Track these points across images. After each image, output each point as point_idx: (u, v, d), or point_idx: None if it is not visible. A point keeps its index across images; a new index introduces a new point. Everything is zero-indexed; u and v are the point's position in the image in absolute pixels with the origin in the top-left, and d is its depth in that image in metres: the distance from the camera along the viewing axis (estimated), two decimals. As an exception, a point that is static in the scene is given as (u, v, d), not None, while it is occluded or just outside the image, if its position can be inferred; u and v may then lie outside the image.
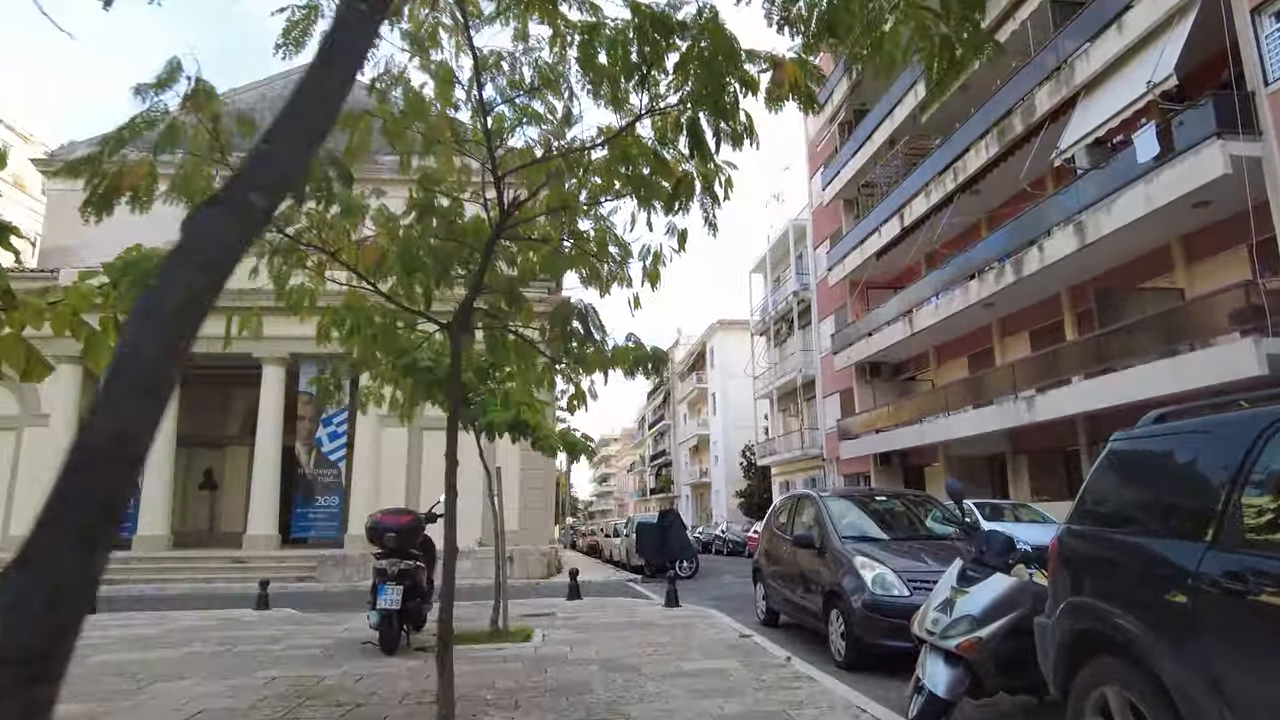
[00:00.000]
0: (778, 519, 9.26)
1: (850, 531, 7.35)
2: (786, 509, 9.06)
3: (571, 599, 11.12)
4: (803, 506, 8.50)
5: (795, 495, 8.93)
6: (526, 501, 18.31)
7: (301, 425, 19.17)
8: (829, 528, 7.39)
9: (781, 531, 8.78)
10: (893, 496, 8.35)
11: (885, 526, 7.64)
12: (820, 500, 7.85)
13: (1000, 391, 20.29)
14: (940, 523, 7.74)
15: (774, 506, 9.48)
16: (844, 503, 8.01)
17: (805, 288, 35.60)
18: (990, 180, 20.99)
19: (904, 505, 8.18)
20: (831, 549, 7.14)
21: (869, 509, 8.00)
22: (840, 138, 31.47)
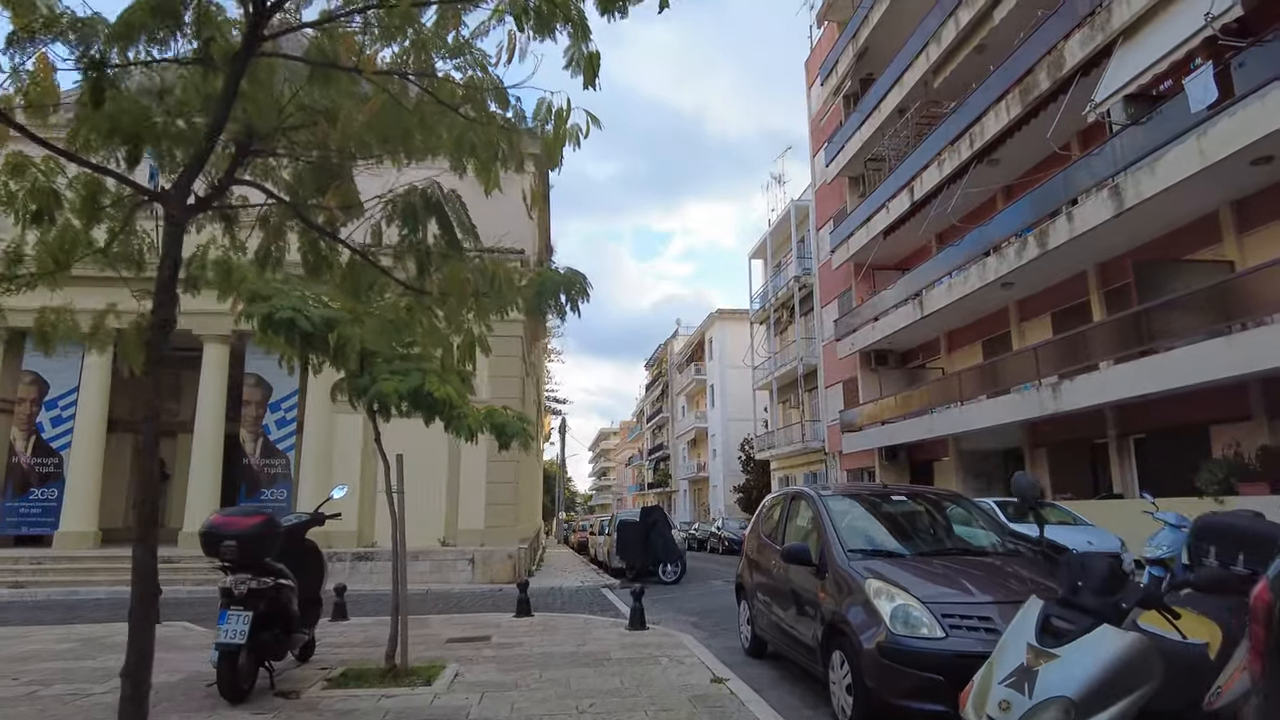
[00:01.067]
0: (766, 522, 7.41)
1: (859, 543, 5.49)
2: (777, 510, 7.19)
3: (520, 615, 9.28)
4: (797, 508, 6.62)
5: (787, 493, 7.04)
6: (492, 497, 16.48)
7: (247, 410, 17.34)
8: (831, 537, 5.53)
9: (771, 539, 6.92)
10: (913, 496, 6.37)
11: (906, 537, 5.76)
12: (819, 500, 5.98)
13: (1020, 379, 18.41)
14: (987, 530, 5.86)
15: (762, 507, 7.61)
16: (849, 503, 6.12)
17: (807, 272, 33.70)
18: (1009, 148, 19.07)
19: (927, 507, 6.26)
20: (834, 567, 5.28)
21: (882, 512, 6.11)
22: (845, 111, 29.54)
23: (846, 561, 5.22)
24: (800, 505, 6.55)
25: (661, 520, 16.78)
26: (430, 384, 5.85)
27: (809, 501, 6.24)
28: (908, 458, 26.50)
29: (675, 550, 16.24)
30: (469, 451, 16.64)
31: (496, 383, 17.01)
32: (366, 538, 16.35)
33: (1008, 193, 21.12)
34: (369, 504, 16.57)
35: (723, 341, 50.19)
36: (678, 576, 16.06)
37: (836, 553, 5.35)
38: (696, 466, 56.24)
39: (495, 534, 16.27)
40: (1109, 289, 17.62)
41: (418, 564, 15.05)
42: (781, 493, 7.34)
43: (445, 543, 16.29)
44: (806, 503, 6.35)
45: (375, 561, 15.06)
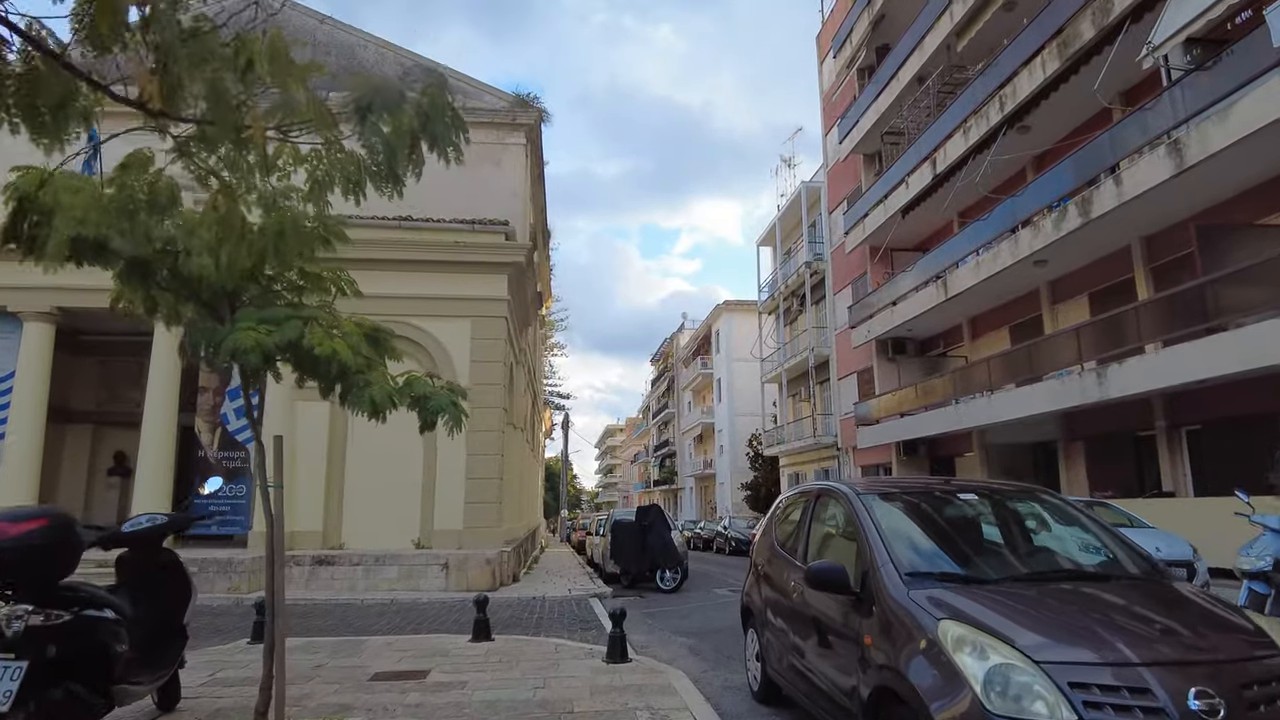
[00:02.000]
0: (781, 527, 5.71)
1: (920, 563, 3.78)
2: (796, 512, 5.48)
3: (477, 640, 7.60)
4: (824, 510, 4.90)
5: (811, 490, 5.33)
6: (473, 494, 14.81)
7: (204, 399, 15.73)
8: (879, 555, 3.82)
9: (788, 550, 5.22)
10: (986, 493, 4.55)
11: (986, 554, 4.04)
12: (858, 500, 4.27)
13: (1058, 364, 16.66)
14: (1100, 543, 4.13)
15: (776, 507, 5.86)
16: (900, 506, 4.34)
17: (819, 257, 31.94)
18: (1042, 112, 17.32)
19: (1009, 510, 4.52)
20: (886, 600, 3.57)
21: (947, 518, 4.36)
22: (859, 84, 27.79)
23: (904, 591, 3.52)
24: (829, 507, 4.84)
25: (659, 521, 15.08)
26: (313, 337, 4.17)
27: (842, 501, 4.53)
28: (928, 453, 24.79)
29: (674, 554, 14.54)
30: (446, 444, 14.95)
31: (477, 367, 15.36)
32: (332, 539, 14.72)
33: (1039, 163, 19.37)
34: (335, 502, 14.94)
35: (729, 334, 48.51)
36: (677, 583, 14.37)
37: (888, 578, 3.64)
38: (703, 463, 54.56)
39: (475, 535, 14.61)
40: (1157, 264, 15.86)
41: (384, 569, 13.42)
42: (802, 489, 5.61)
43: (420, 545, 14.65)
44: (838, 503, 4.64)
45: (338, 566, 13.42)
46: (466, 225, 16.01)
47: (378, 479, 14.89)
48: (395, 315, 15.54)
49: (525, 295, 18.63)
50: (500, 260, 15.87)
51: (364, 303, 14.86)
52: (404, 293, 15.50)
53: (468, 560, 13.44)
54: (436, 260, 15.67)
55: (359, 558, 13.47)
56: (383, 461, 14.94)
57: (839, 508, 4.64)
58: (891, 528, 4.04)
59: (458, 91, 18.66)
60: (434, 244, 15.73)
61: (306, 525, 14.64)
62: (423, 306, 15.53)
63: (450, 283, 15.72)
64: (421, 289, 15.56)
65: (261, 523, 14.39)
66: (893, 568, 3.70)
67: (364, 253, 16.10)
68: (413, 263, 15.62)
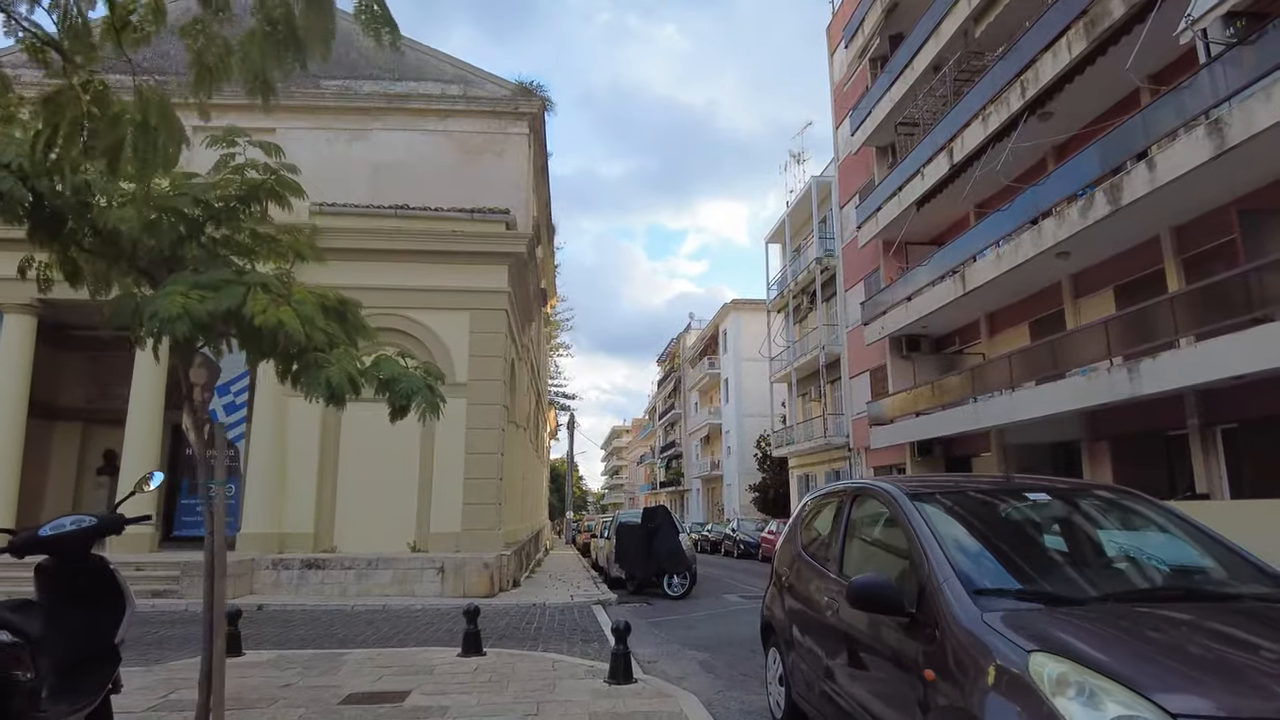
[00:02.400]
0: (809, 531, 5.00)
1: (992, 579, 3.06)
2: (827, 515, 4.76)
3: (467, 654, 6.90)
4: (863, 512, 4.18)
5: (846, 489, 4.61)
6: (471, 495, 14.14)
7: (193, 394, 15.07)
8: (939, 569, 3.10)
9: (820, 560, 4.51)
10: (1061, 494, 3.78)
11: (1072, 566, 3.34)
12: (906, 503, 3.55)
13: (1085, 360, 15.89)
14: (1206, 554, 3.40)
15: (803, 508, 5.12)
16: (957, 509, 3.64)
17: (830, 253, 31.18)
18: (1066, 96, 16.56)
19: (1083, 513, 3.79)
20: (953, 625, 2.87)
21: (1014, 523, 3.65)
22: (872, 75, 27.04)
23: (976, 614, 2.80)
24: (868, 509, 4.13)
25: (666, 523, 14.37)
26: (254, 305, 3.49)
27: (886, 503, 3.82)
28: (943, 453, 24.01)
29: (683, 558, 13.82)
30: (444, 443, 14.36)
31: (476, 362, 14.70)
32: (324, 542, 14.07)
33: (1060, 153, 18.60)
34: (327, 503, 14.28)
35: (737, 333, 47.76)
36: (686, 590, 13.64)
37: (954, 597, 2.93)
38: (710, 464, 53.80)
39: (474, 538, 13.94)
40: (1189, 255, 15.08)
41: (377, 574, 12.75)
42: (833, 488, 4.89)
43: (416, 548, 13.98)
44: (881, 505, 3.93)
45: (328, 570, 12.76)
46: (465, 214, 15.35)
47: (372, 479, 14.24)
48: (391, 308, 14.91)
49: (527, 289, 17.96)
50: (500, 250, 15.20)
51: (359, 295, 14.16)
52: (400, 284, 14.87)
53: (465, 564, 12.76)
54: (434, 250, 15.02)
55: (350, 561, 12.81)
56: (377, 460, 14.29)
57: (881, 510, 3.93)
58: (951, 534, 3.33)
59: (459, 80, 17.99)
60: (431, 233, 15.08)
61: (296, 527, 14.01)
62: (419, 299, 14.88)
63: (448, 274, 15.06)
64: (418, 280, 14.91)
65: (252, 524, 13.81)
66: (958, 583, 2.99)
67: (357, 242, 15.52)
68: (409, 253, 14.98)
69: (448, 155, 18.26)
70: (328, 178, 17.01)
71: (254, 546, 13.52)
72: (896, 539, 3.63)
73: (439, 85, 18.74)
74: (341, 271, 15.27)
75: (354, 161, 17.98)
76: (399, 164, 17.83)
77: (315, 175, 17.65)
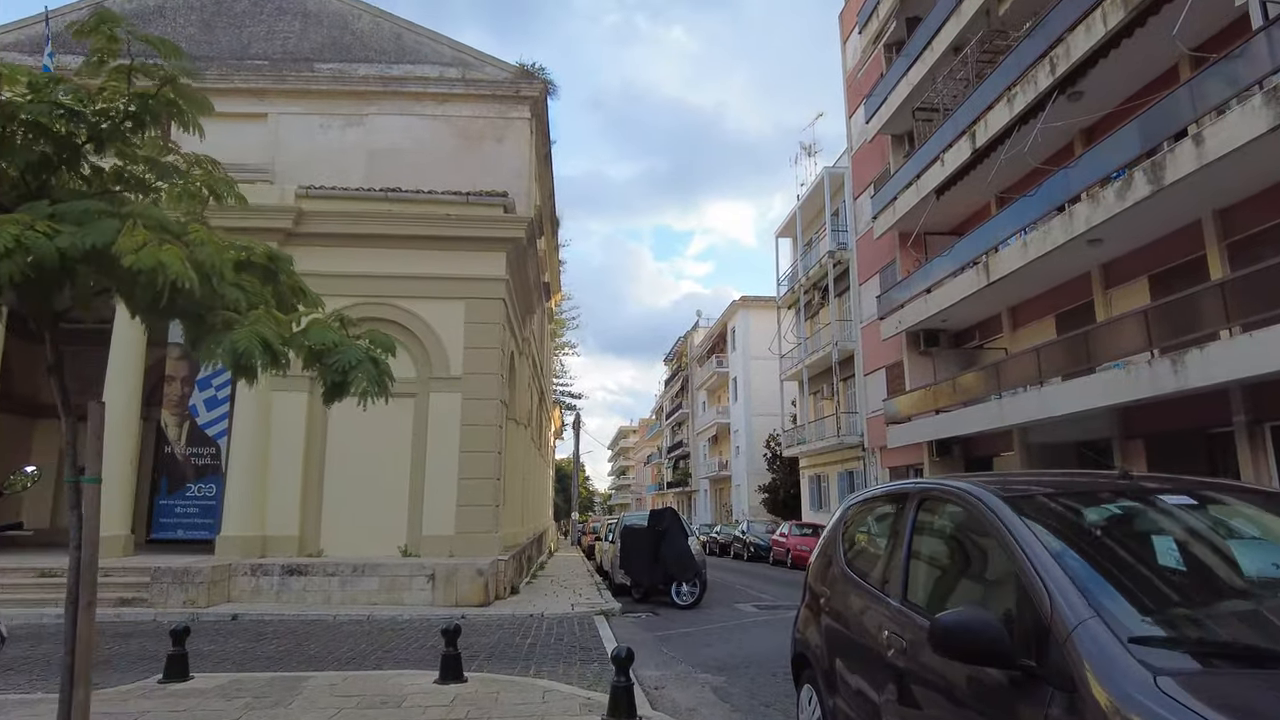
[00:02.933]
0: (856, 544, 4.05)
1: (1152, 620, 2.13)
2: (882, 525, 3.80)
3: (445, 680, 5.98)
4: (933, 524, 3.21)
5: (908, 490, 3.54)
6: (466, 496, 13.24)
7: (171, 388, 14.23)
8: (1067, 604, 2.16)
9: (871, 581, 3.55)
10: (1203, 497, 2.75)
11: (1261, 600, 2.40)
12: (1006, 512, 2.57)
13: (1120, 353, 14.90)
14: None
15: (844, 515, 4.13)
16: (1076, 521, 2.71)
17: (843, 246, 30.20)
18: (1100, 72, 15.58)
19: (1249, 522, 2.82)
20: (1101, 691, 1.91)
21: (1154, 540, 2.68)
22: (887, 61, 26.08)
23: (1148, 679, 1.86)
24: (943, 517, 3.19)
25: (675, 527, 13.41)
26: (127, 241, 2.59)
27: (971, 510, 2.85)
28: (962, 453, 23.02)
29: (692, 564, 12.87)
30: (438, 439, 13.48)
31: (471, 354, 13.79)
32: (310, 545, 13.19)
33: (1088, 136, 17.63)
34: (313, 503, 13.40)
35: (746, 331, 46.80)
36: (695, 598, 12.68)
37: (1097, 649, 1.98)
38: (718, 464, 52.82)
39: (469, 542, 13.04)
40: (1234, 239, 14.10)
41: (363, 580, 11.85)
42: (888, 490, 3.91)
43: (407, 552, 13.09)
44: (962, 512, 2.99)
45: (310, 576, 11.87)
46: (460, 197, 14.44)
47: (361, 478, 13.37)
48: (381, 296, 14.03)
49: (527, 278, 17.05)
50: (498, 235, 14.29)
51: (347, 282, 13.15)
52: (391, 272, 14.00)
53: (457, 571, 11.85)
54: (427, 235, 14.13)
55: (334, 567, 11.92)
56: (367, 458, 13.42)
57: (961, 520, 2.99)
58: (1076, 555, 2.39)
59: (458, 63, 17.01)
60: (424, 217, 14.19)
61: (280, 529, 13.13)
62: (411, 287, 13.99)
63: (442, 261, 14.17)
64: (410, 268, 14.03)
65: (233, 527, 12.93)
66: (1102, 627, 2.05)
67: (346, 227, 14.62)
68: (401, 238, 14.10)
69: (446, 141, 17.38)
70: (321, 164, 16.19)
71: (234, 550, 12.66)
72: (988, 559, 2.70)
73: (437, 68, 17.88)
74: (329, 258, 14.46)
75: (349, 148, 17.15)
76: (395, 150, 16.98)
77: (308, 162, 16.93)
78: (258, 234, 14.05)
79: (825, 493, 32.72)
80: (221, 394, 14.17)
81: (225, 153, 17.19)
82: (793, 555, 24.32)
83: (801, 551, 24.07)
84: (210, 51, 18.01)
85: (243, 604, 11.49)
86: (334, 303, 14.28)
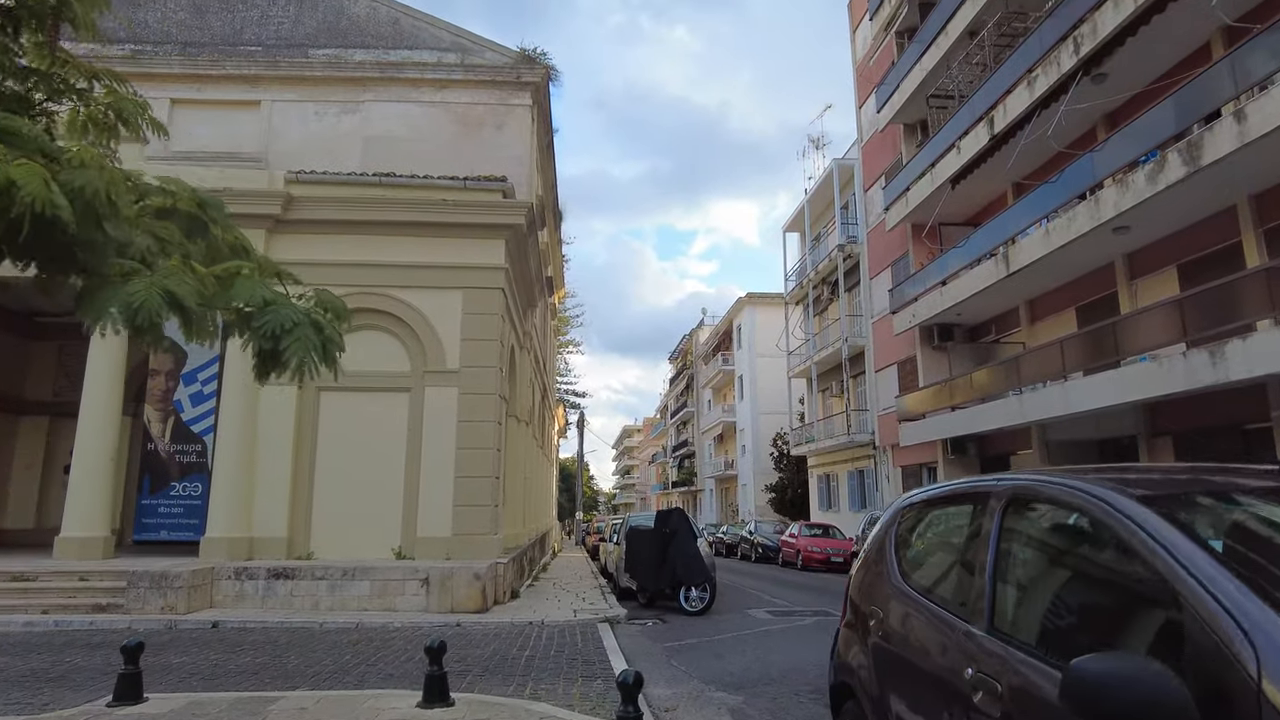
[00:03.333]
0: (915, 553, 3.35)
1: None
2: (955, 531, 3.08)
3: (428, 705, 5.30)
4: (1033, 531, 2.51)
5: (996, 488, 2.70)
6: (463, 496, 12.56)
7: (154, 383, 13.59)
8: (1273, 656, 1.47)
9: (942, 602, 2.85)
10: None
11: None
12: (1152, 521, 1.83)
13: (1150, 345, 14.19)
14: None
15: (897, 517, 3.27)
16: (1246, 530, 2.03)
17: (853, 240, 29.48)
18: (1127, 51, 14.88)
19: None
20: None
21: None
22: (898, 49, 25.35)
23: None
24: (1039, 525, 2.49)
25: (683, 528, 12.71)
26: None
27: (1094, 514, 2.15)
28: (978, 451, 22.32)
29: (702, 568, 12.17)
30: (433, 435, 12.82)
31: (469, 347, 13.12)
32: (299, 548, 12.53)
33: (1111, 121, 16.92)
34: (304, 502, 12.75)
35: (752, 328, 46.05)
36: (706, 604, 11.98)
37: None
38: (724, 464, 52.11)
39: (466, 545, 12.37)
40: (1272, 225, 13.38)
41: (353, 585, 11.18)
42: (960, 487, 3.19)
43: (401, 555, 12.43)
44: (1077, 519, 2.29)
45: (298, 580, 11.20)
46: (457, 181, 13.77)
47: (353, 477, 12.72)
48: (374, 286, 13.35)
49: (528, 268, 16.36)
50: (497, 221, 13.61)
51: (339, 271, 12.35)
52: (385, 260, 13.35)
53: (453, 575, 11.17)
54: (422, 222, 13.47)
55: (323, 571, 11.25)
56: (360, 455, 12.78)
57: (1076, 528, 2.30)
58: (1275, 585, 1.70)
59: (457, 48, 16.25)
60: (419, 202, 13.52)
61: (268, 531, 12.49)
62: (406, 276, 13.33)
63: (439, 248, 13.51)
64: (405, 256, 13.36)
65: (218, 528, 12.27)
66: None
67: (338, 213, 13.92)
68: (395, 224, 13.44)
69: (445, 128, 16.71)
70: (316, 153, 15.56)
71: (219, 553, 12.00)
72: (1117, 582, 2.01)
73: (435, 54, 17.21)
74: (321, 246, 13.80)
75: (344, 135, 16.49)
76: (392, 138, 16.33)
77: (303, 150, 16.23)
78: (244, 221, 13.41)
79: (834, 492, 32.01)
80: (208, 389, 13.52)
81: (218, 142, 16.52)
82: (803, 556, 23.60)
83: (812, 553, 23.35)
84: (202, 37, 17.40)
85: (225, 610, 10.84)
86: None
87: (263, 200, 13.14)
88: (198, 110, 16.71)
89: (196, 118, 16.62)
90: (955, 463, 22.58)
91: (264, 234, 13.02)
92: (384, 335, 13.32)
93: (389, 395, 13.05)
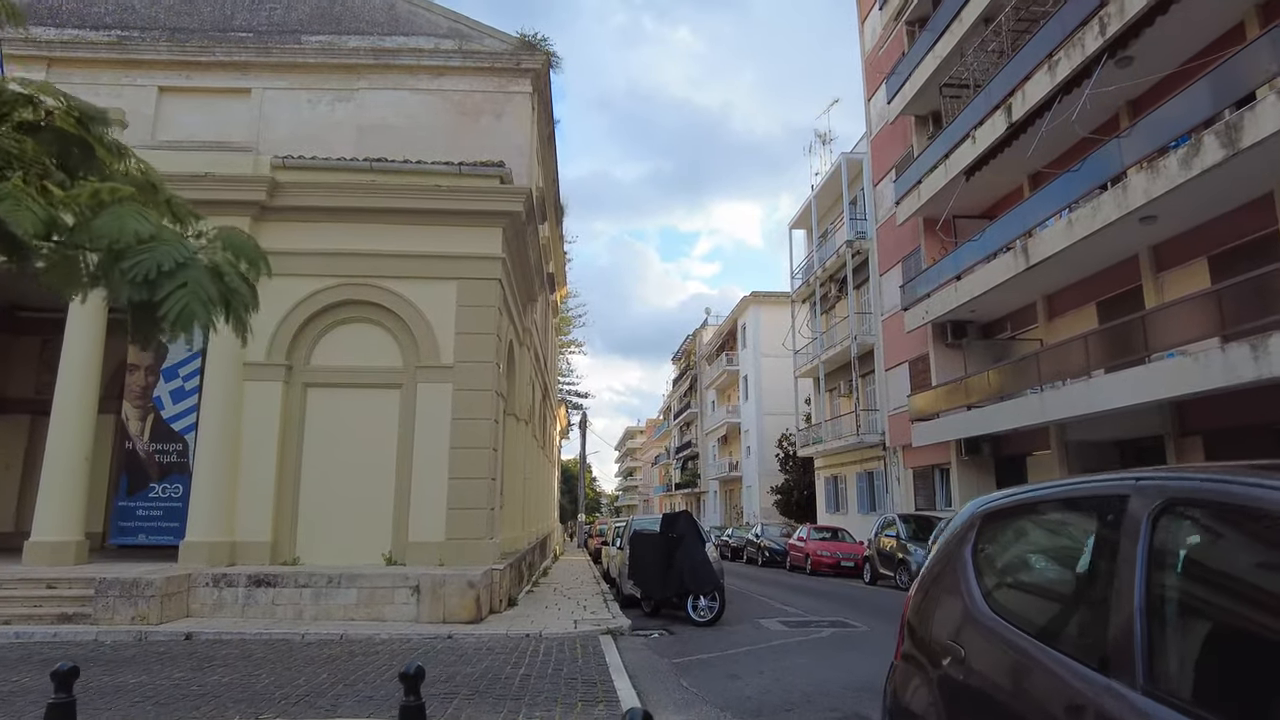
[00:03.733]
0: (1005, 575, 2.65)
1: None
2: (1069, 549, 2.39)
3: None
4: (1202, 554, 1.83)
5: (1139, 488, 1.97)
6: (457, 499, 11.85)
7: (133, 378, 12.91)
8: None
9: (1067, 648, 2.13)
10: None
11: None
12: None
13: (1183, 339, 13.47)
14: None
15: (972, 526, 2.68)
16: None
17: (862, 235, 28.76)
18: (1156, 31, 14.20)
19: None
20: None
21: None
22: (909, 40, 24.67)
23: None
24: (1219, 545, 1.80)
25: (690, 533, 11.99)
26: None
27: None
28: (993, 451, 21.60)
29: (710, 575, 11.44)
30: (425, 434, 12.13)
31: (464, 341, 12.43)
32: (284, 553, 11.84)
33: (1135, 107, 16.22)
34: (289, 505, 12.06)
35: (757, 327, 45.34)
36: (714, 614, 11.24)
37: None
38: (728, 465, 51.37)
39: (461, 550, 11.68)
40: (1313, 213, 12.69)
41: (339, 593, 10.48)
42: (1070, 490, 2.48)
43: (392, 561, 11.74)
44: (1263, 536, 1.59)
45: (280, 588, 10.51)
46: (452, 166, 13.08)
47: (342, 478, 12.04)
48: (364, 276, 12.66)
49: (528, 260, 15.67)
50: (494, 209, 12.93)
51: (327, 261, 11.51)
52: (376, 249, 12.67)
53: (446, 582, 10.46)
54: (416, 209, 12.78)
55: (307, 578, 10.55)
56: (349, 455, 12.09)
57: (1255, 547, 1.59)
58: None
59: (455, 34, 15.50)
60: (412, 188, 12.84)
61: (251, 535, 11.80)
62: (398, 266, 12.65)
63: (433, 237, 12.82)
64: (397, 245, 12.68)
65: (199, 531, 11.56)
66: None
67: (327, 200, 13.18)
68: (387, 212, 12.75)
69: (442, 116, 16.06)
70: (309, 142, 14.93)
71: (200, 558, 11.31)
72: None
73: (432, 39, 16.55)
74: (308, 235, 13.08)
75: (338, 124, 15.85)
76: (387, 126, 15.68)
77: (295, 139, 15.49)
78: (227, 207, 12.76)
79: (843, 494, 31.28)
80: (190, 384, 12.84)
81: (207, 131, 15.72)
82: (812, 561, 22.88)
83: (821, 557, 22.62)
84: (191, 23, 16.78)
85: (202, 620, 10.15)
86: (313, 283, 12.81)
87: (247, 186, 12.47)
88: (186, 98, 16.09)
89: (185, 106, 16.01)
90: (969, 464, 21.90)
91: (249, 222, 12.33)
92: (375, 329, 12.65)
93: (379, 392, 12.36)
